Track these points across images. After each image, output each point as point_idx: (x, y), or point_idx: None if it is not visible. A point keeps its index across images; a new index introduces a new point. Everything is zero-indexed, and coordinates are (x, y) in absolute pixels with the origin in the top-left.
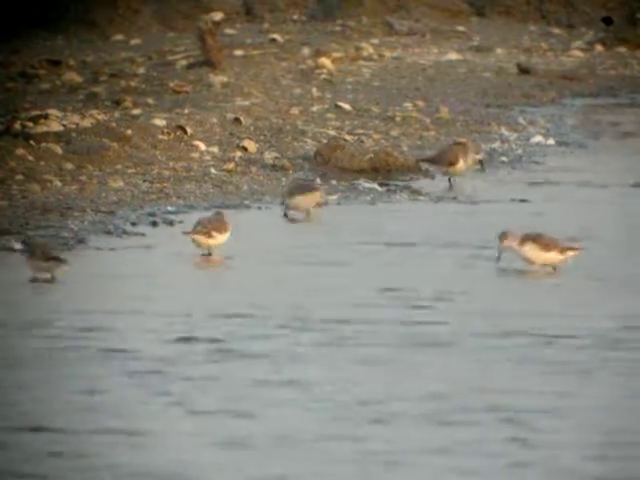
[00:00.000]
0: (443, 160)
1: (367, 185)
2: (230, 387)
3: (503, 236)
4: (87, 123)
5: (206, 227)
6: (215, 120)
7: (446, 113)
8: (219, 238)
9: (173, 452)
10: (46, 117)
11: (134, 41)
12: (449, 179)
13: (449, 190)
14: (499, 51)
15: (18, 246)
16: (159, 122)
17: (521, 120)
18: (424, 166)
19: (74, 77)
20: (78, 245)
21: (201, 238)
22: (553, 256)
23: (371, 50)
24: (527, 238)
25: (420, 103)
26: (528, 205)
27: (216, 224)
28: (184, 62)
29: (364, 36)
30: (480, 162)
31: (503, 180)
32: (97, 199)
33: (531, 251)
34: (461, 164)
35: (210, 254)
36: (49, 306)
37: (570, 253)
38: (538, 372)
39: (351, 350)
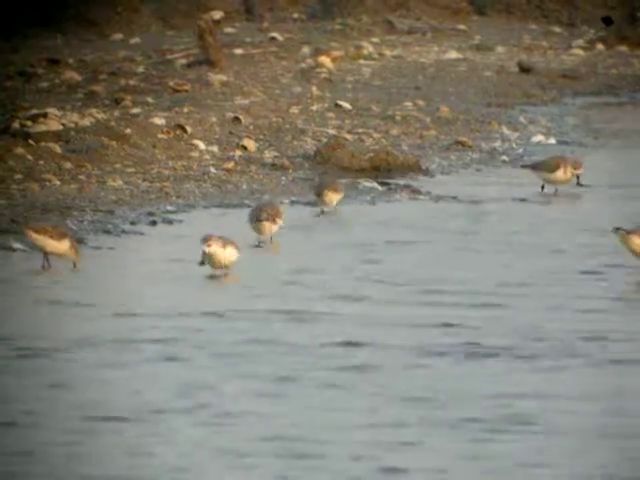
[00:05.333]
0: (545, 167)
1: (367, 184)
2: None
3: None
4: (86, 122)
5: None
6: (215, 119)
7: (447, 112)
8: None
9: None
10: (45, 116)
11: (133, 40)
12: (542, 185)
13: (540, 194)
14: (500, 50)
15: (17, 245)
16: (158, 121)
17: (522, 119)
18: (425, 165)
19: (73, 76)
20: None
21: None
22: None
23: (371, 49)
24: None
25: (420, 102)
26: (527, 204)
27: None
28: (184, 61)
29: (364, 35)
30: (577, 177)
31: (503, 179)
32: (96, 198)
33: None
34: (561, 173)
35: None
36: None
37: None
38: None
39: None
